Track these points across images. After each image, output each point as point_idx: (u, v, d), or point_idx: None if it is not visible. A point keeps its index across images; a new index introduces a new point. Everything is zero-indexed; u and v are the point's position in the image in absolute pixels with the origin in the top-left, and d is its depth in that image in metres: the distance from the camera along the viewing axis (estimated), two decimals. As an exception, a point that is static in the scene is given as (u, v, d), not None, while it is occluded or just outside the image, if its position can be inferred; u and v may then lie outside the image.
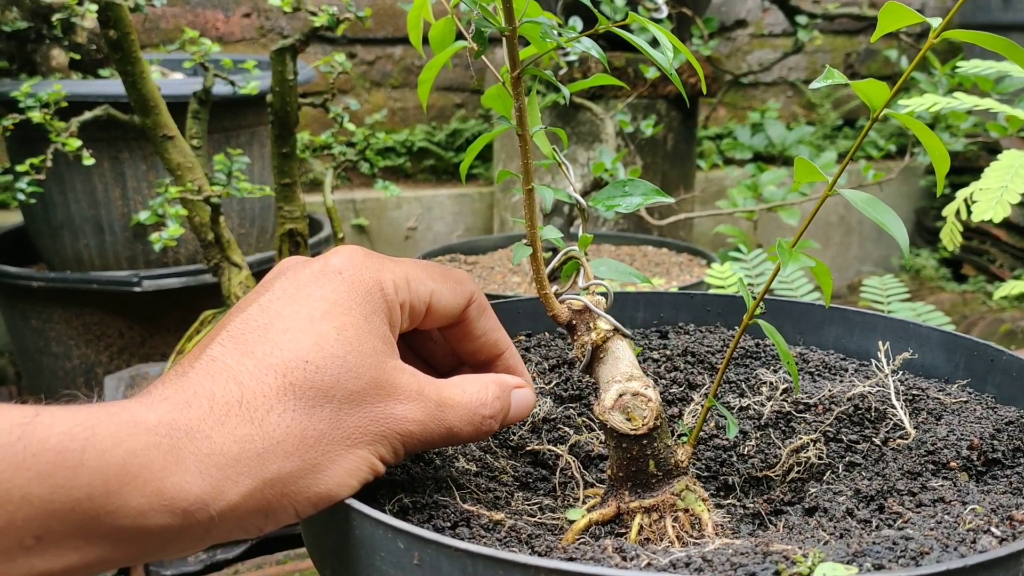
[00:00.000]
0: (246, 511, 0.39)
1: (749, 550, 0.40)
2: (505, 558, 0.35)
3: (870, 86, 0.43)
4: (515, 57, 0.47)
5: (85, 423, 0.37)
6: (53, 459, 0.35)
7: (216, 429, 0.39)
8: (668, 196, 0.53)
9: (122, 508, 0.36)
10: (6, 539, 0.35)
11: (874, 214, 0.45)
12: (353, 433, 0.42)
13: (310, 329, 0.43)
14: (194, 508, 0.38)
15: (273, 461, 0.40)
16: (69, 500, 0.35)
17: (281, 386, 0.41)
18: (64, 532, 0.36)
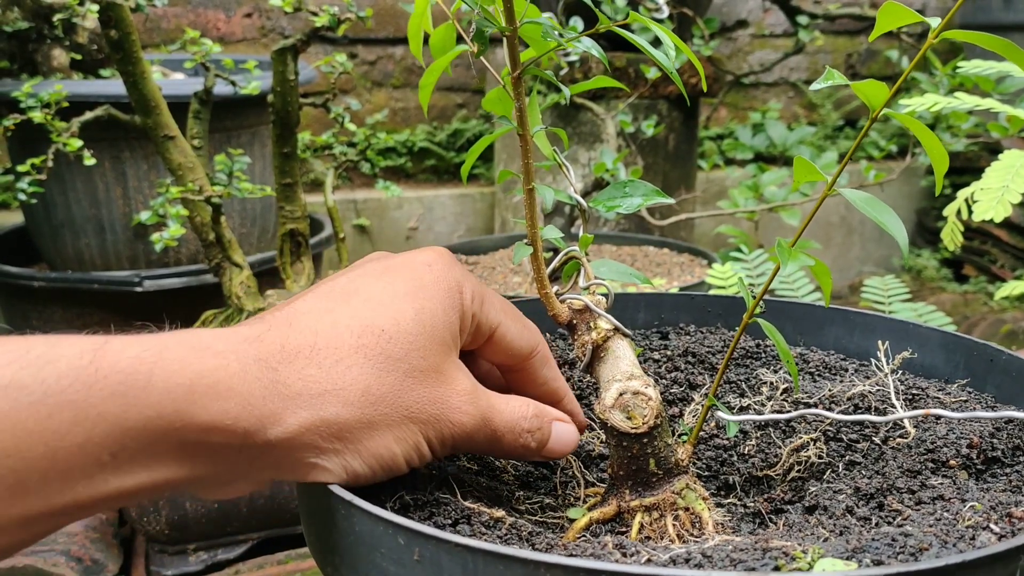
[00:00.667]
0: (299, 444, 0.41)
1: (749, 546, 0.40)
2: (505, 553, 0.35)
3: (870, 87, 0.43)
4: (516, 57, 0.48)
5: (153, 348, 0.39)
6: (124, 380, 0.37)
7: (283, 365, 0.41)
8: (668, 197, 0.53)
9: (189, 425, 0.38)
10: (85, 456, 0.36)
11: (874, 214, 0.45)
12: (411, 406, 0.44)
13: (391, 304, 0.45)
14: (254, 430, 0.40)
15: (333, 404, 0.42)
16: (140, 418, 0.37)
17: (353, 345, 0.43)
18: (136, 449, 0.37)
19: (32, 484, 0.36)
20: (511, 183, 2.27)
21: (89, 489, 0.37)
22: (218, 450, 0.39)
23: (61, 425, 0.36)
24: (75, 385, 0.36)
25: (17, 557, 1.23)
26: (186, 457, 0.39)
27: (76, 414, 0.36)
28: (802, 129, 2.96)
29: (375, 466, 0.43)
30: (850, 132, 3.09)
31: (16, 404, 0.35)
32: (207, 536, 1.32)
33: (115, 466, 0.37)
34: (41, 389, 0.36)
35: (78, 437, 0.36)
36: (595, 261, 0.57)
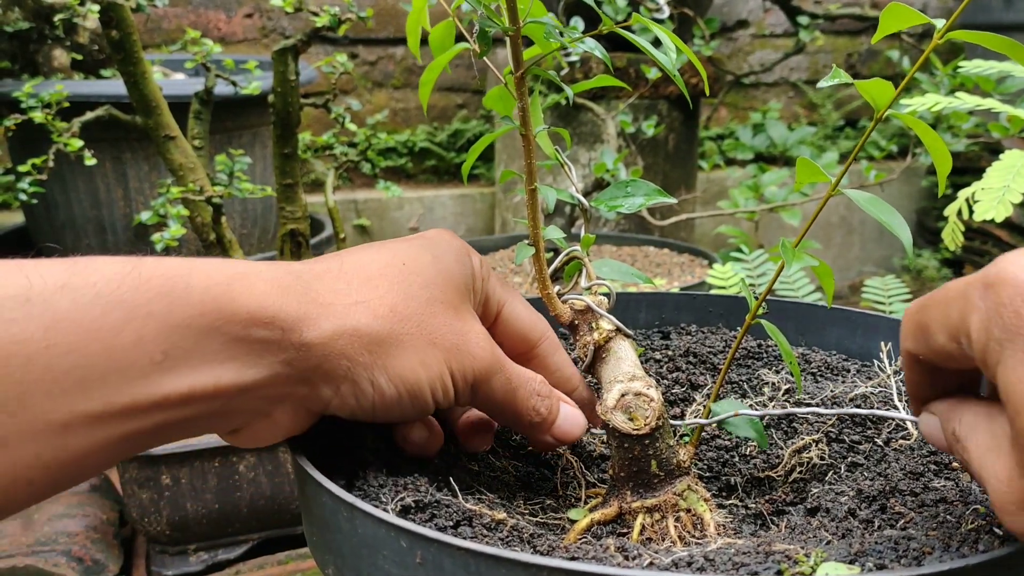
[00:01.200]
0: (333, 351, 0.43)
1: (751, 550, 0.40)
2: (507, 557, 0.35)
3: (875, 86, 0.43)
4: (519, 57, 0.48)
5: (186, 261, 0.41)
6: (165, 283, 0.39)
7: (314, 280, 0.44)
8: (670, 196, 0.53)
9: (230, 318, 0.40)
10: (139, 353, 0.38)
11: (878, 214, 0.45)
12: (434, 331, 0.46)
13: (408, 249, 0.48)
14: (290, 328, 0.42)
15: (363, 314, 0.44)
16: (185, 316, 0.39)
17: (378, 271, 0.46)
18: (184, 347, 0.39)
19: (93, 380, 0.38)
20: (511, 183, 2.27)
21: (145, 389, 0.39)
22: (260, 349, 0.41)
23: (115, 323, 0.38)
24: (122, 287, 0.39)
25: (18, 557, 1.23)
26: (231, 356, 0.41)
27: (127, 312, 0.38)
28: (803, 129, 2.96)
29: (401, 388, 0.45)
30: (850, 132, 3.09)
31: (73, 304, 0.37)
32: (208, 536, 1.32)
33: (167, 365, 0.39)
34: (93, 291, 0.38)
35: (131, 335, 0.38)
36: (597, 261, 0.57)
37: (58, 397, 0.37)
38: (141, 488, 1.26)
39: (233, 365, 0.41)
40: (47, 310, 0.37)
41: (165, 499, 1.27)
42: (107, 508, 1.39)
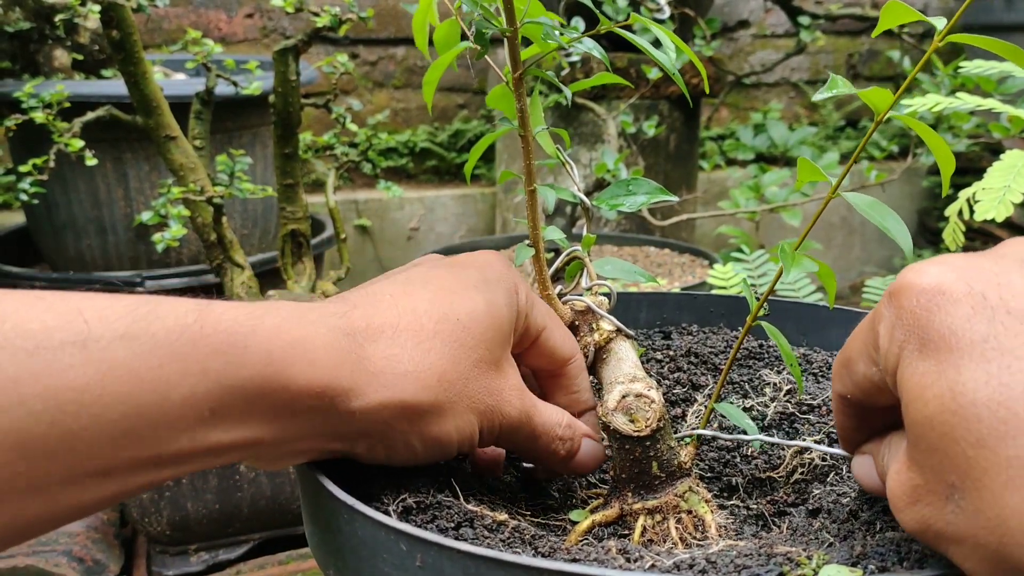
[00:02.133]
0: (375, 420, 0.43)
1: (753, 552, 0.40)
2: (508, 560, 0.35)
3: (875, 94, 0.43)
4: (517, 58, 0.47)
5: (253, 313, 0.41)
6: (226, 339, 0.39)
7: (368, 343, 0.44)
8: (672, 195, 0.53)
9: (283, 388, 0.40)
10: (189, 408, 0.38)
11: (876, 217, 0.45)
12: (474, 395, 0.46)
13: (464, 294, 0.48)
14: (339, 399, 0.42)
15: (412, 385, 0.44)
16: (240, 377, 0.39)
17: (432, 330, 0.45)
18: (234, 407, 0.39)
19: (142, 430, 0.38)
20: (512, 184, 2.27)
21: (191, 441, 0.39)
22: (305, 414, 0.41)
23: (171, 376, 0.38)
24: (182, 339, 0.38)
25: (19, 557, 1.23)
26: (276, 418, 0.41)
27: (184, 367, 0.38)
28: (803, 129, 2.96)
29: (432, 448, 0.45)
30: (851, 132, 3.09)
31: (131, 353, 0.37)
32: (208, 536, 1.32)
33: (214, 422, 0.39)
34: (152, 341, 0.38)
35: (184, 390, 0.38)
36: (599, 260, 0.57)
37: (105, 445, 0.37)
38: (142, 488, 1.26)
39: (277, 425, 0.41)
40: (105, 358, 0.37)
41: (166, 499, 1.27)
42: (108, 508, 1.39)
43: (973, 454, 0.31)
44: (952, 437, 0.32)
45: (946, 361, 0.33)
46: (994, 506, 0.31)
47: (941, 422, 0.32)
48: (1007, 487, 0.30)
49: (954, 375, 0.32)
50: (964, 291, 0.34)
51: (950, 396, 0.32)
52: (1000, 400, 0.31)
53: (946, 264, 0.35)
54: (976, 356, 0.32)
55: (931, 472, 0.33)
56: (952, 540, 0.33)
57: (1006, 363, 0.31)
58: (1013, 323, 0.32)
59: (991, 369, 0.31)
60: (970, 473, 0.31)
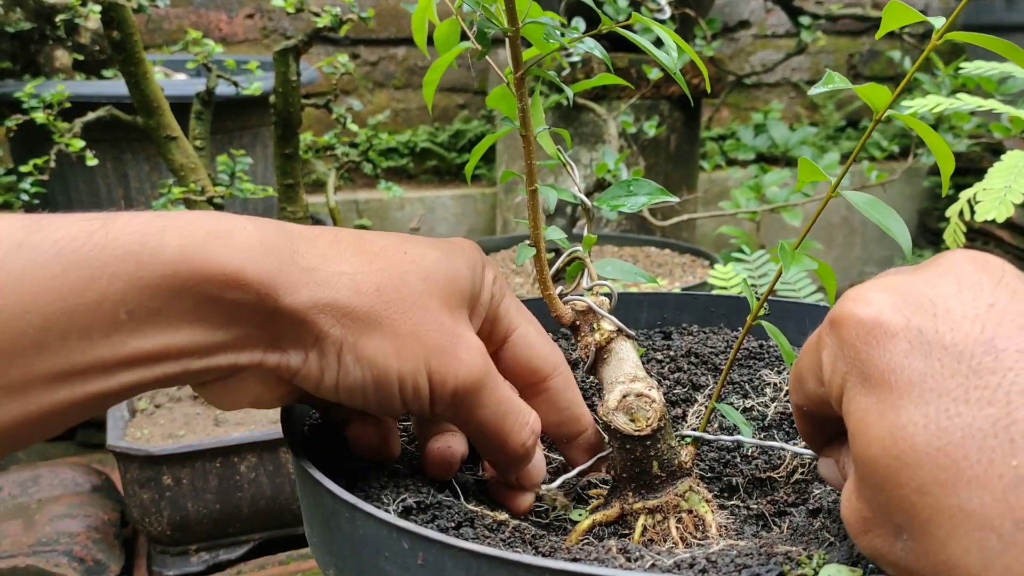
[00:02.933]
0: (307, 320, 0.41)
1: (754, 551, 0.40)
2: (509, 558, 0.35)
3: (872, 90, 0.43)
4: (518, 58, 0.47)
5: (162, 217, 0.39)
6: (136, 240, 0.38)
7: (302, 241, 0.42)
8: (673, 196, 0.53)
9: (204, 281, 0.38)
10: (102, 313, 0.37)
11: (876, 216, 0.45)
12: (422, 325, 0.43)
13: (419, 242, 0.46)
14: (267, 292, 0.40)
15: (346, 287, 0.42)
16: (155, 275, 0.37)
17: (378, 249, 0.44)
18: (152, 308, 0.38)
19: (53, 340, 0.36)
20: (512, 184, 2.27)
21: (109, 349, 0.37)
22: (232, 311, 0.39)
23: (77, 283, 0.36)
24: (87, 246, 0.37)
25: (19, 558, 1.23)
26: (202, 318, 0.39)
27: (91, 272, 0.37)
28: (804, 129, 2.96)
29: (367, 374, 0.42)
30: (852, 132, 3.09)
31: (31, 263, 0.36)
32: (209, 537, 1.32)
33: (133, 326, 0.37)
34: (54, 249, 0.36)
35: (94, 295, 0.37)
36: (600, 260, 0.57)
37: (14, 358, 0.36)
38: (142, 488, 1.26)
39: (203, 326, 0.39)
40: (3, 270, 0.36)
41: (166, 499, 1.27)
42: (108, 508, 1.39)
43: (916, 500, 0.31)
44: (896, 482, 0.32)
45: (885, 401, 0.32)
46: (940, 553, 0.30)
47: (884, 466, 0.32)
48: (951, 537, 0.30)
49: (893, 417, 0.32)
50: (902, 324, 0.33)
51: (891, 440, 0.32)
52: (939, 446, 0.30)
53: (885, 291, 0.35)
54: (914, 397, 0.32)
55: (879, 509, 0.33)
56: (904, 571, 0.33)
57: (943, 406, 0.31)
58: (950, 361, 0.32)
59: (929, 412, 0.31)
60: (915, 518, 0.31)
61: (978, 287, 0.34)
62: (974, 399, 0.31)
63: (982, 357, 0.31)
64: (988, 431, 0.30)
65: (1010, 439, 0.29)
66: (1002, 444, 0.29)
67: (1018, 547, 0.28)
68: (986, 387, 0.31)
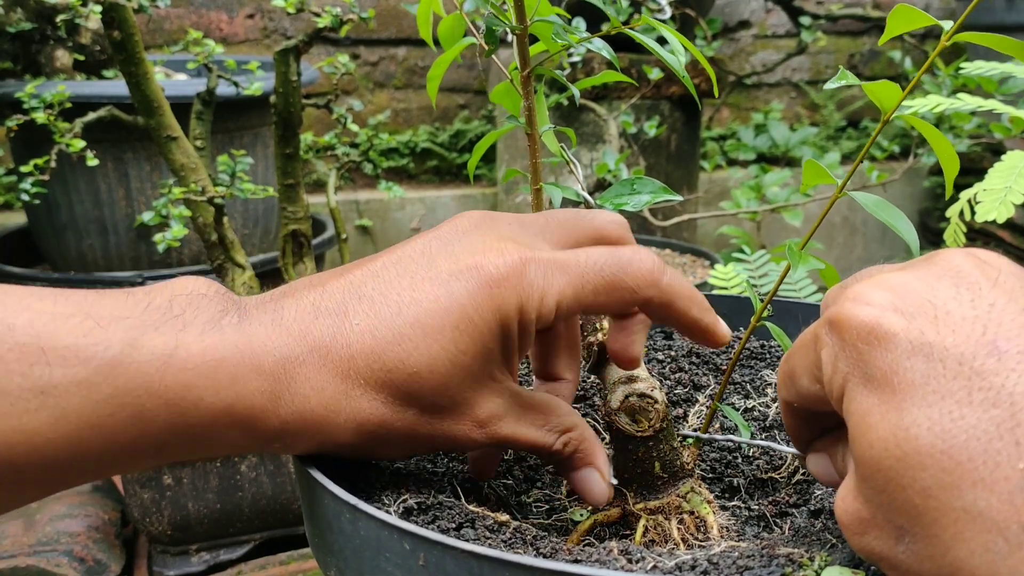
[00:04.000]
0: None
1: (755, 552, 0.40)
2: (510, 560, 0.34)
3: (882, 88, 0.43)
4: (525, 56, 0.47)
5: (216, 356, 0.40)
6: (180, 394, 0.40)
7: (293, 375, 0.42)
8: (676, 194, 0.53)
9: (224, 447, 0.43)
10: (134, 450, 0.40)
11: (884, 216, 0.45)
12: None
13: (421, 343, 0.41)
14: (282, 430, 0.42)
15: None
16: (189, 424, 0.40)
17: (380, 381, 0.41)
18: (180, 446, 0.41)
19: (87, 466, 0.40)
20: (513, 184, 2.27)
21: (131, 466, 0.42)
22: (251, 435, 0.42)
23: (120, 424, 0.39)
24: (137, 391, 0.39)
25: (19, 558, 1.23)
26: (216, 444, 0.42)
27: (134, 414, 0.39)
28: (805, 130, 2.96)
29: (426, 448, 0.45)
30: (852, 133, 3.09)
31: (86, 401, 0.38)
32: (209, 536, 1.32)
33: (160, 456, 0.41)
34: (110, 391, 0.39)
35: (132, 434, 0.39)
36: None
37: (50, 478, 0.40)
38: (143, 488, 1.26)
39: (212, 444, 0.42)
40: (60, 404, 0.38)
41: (167, 499, 1.27)
42: (109, 508, 1.39)
43: (921, 503, 0.31)
44: (899, 484, 0.31)
45: (888, 402, 0.32)
46: (946, 555, 0.30)
47: (887, 467, 0.32)
48: (956, 539, 0.30)
49: (896, 419, 0.32)
50: (903, 327, 0.33)
51: (894, 442, 0.32)
52: (943, 448, 0.30)
53: (885, 291, 0.35)
54: (917, 399, 0.32)
55: (880, 510, 0.33)
56: (905, 573, 0.33)
57: (947, 408, 0.31)
58: (952, 363, 0.32)
59: (932, 414, 0.31)
60: (919, 520, 0.31)
61: (976, 287, 0.33)
62: (977, 401, 0.30)
63: (984, 359, 0.31)
64: (993, 433, 0.30)
65: (1015, 441, 0.29)
66: (1007, 446, 0.29)
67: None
68: (990, 388, 0.30)
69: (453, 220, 0.45)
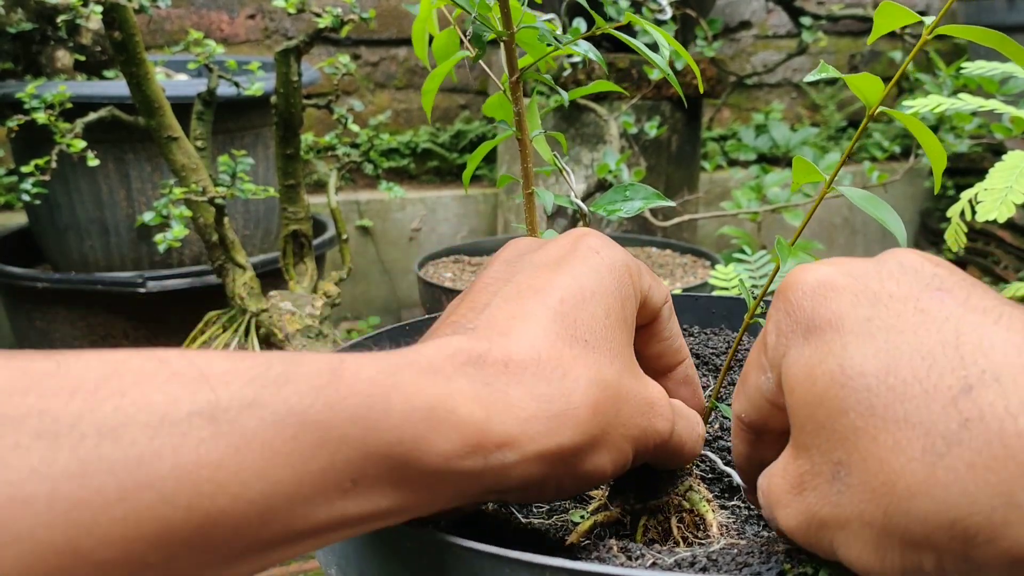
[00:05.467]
0: (533, 472, 0.38)
1: (755, 550, 0.40)
2: (511, 556, 0.35)
3: (864, 81, 0.43)
4: (513, 62, 0.48)
5: (387, 368, 0.36)
6: (363, 402, 0.35)
7: (514, 387, 0.38)
8: (669, 200, 0.53)
9: (431, 454, 0.35)
10: (327, 481, 0.34)
11: (873, 210, 0.45)
12: (628, 419, 0.41)
13: (590, 303, 0.42)
14: (491, 454, 0.37)
15: (567, 427, 0.38)
16: (382, 444, 0.35)
17: (572, 357, 0.40)
18: (377, 476, 0.35)
19: (279, 508, 0.33)
20: (513, 184, 2.27)
21: (328, 513, 0.34)
22: (452, 481, 0.37)
23: (306, 448, 0.33)
24: (316, 406, 0.34)
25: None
26: (427, 486, 0.36)
27: (320, 436, 0.34)
28: (805, 130, 2.96)
29: (584, 485, 0.41)
30: (853, 133, 3.09)
31: (263, 423, 0.33)
32: (210, 537, 1.33)
33: (356, 493, 0.35)
34: (285, 408, 0.33)
35: (322, 461, 0.34)
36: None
37: (244, 528, 0.32)
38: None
39: (427, 493, 0.36)
40: (235, 430, 0.32)
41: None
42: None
43: (862, 424, 0.31)
44: (841, 409, 0.32)
45: (833, 341, 0.33)
46: (880, 473, 0.31)
47: (831, 396, 0.33)
48: (894, 450, 0.30)
49: (841, 352, 0.33)
50: (849, 282, 0.35)
51: (839, 370, 0.33)
52: (889, 368, 0.31)
53: (830, 263, 0.37)
54: (862, 334, 0.33)
55: (817, 453, 0.33)
56: (838, 525, 0.33)
57: (891, 337, 0.32)
58: (895, 304, 0.33)
59: (878, 344, 0.32)
60: (858, 444, 0.31)
61: (920, 266, 0.36)
62: (923, 330, 0.32)
63: (928, 300, 0.33)
64: (938, 351, 0.31)
65: (960, 356, 0.30)
66: (951, 360, 0.30)
67: (963, 445, 0.29)
68: (932, 320, 0.32)
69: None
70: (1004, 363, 0.29)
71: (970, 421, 0.29)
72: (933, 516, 0.29)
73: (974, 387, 0.29)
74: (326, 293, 1.40)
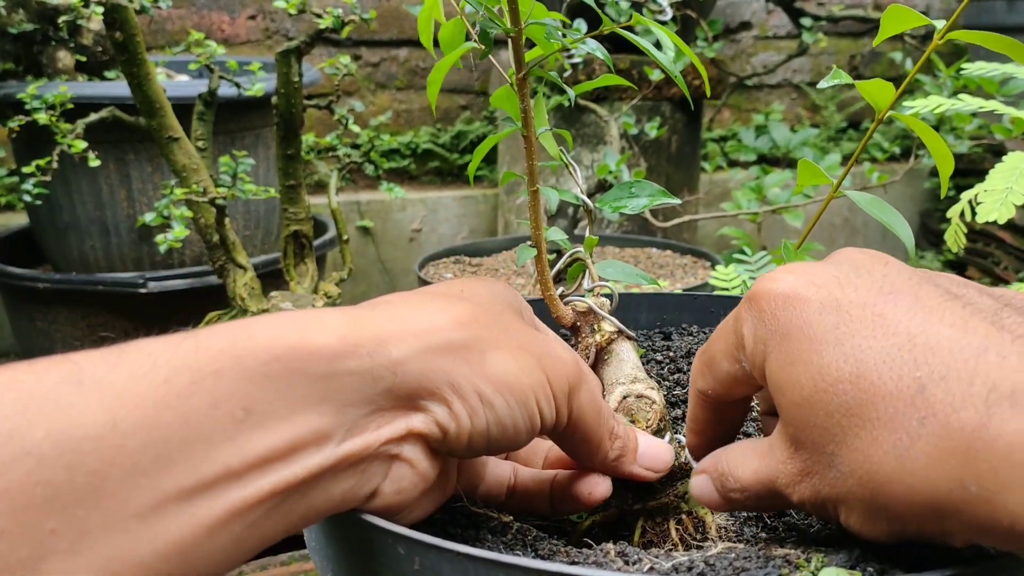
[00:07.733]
0: (429, 366, 0.40)
1: (752, 554, 0.40)
2: (505, 561, 0.35)
3: (875, 87, 0.43)
4: (521, 58, 0.48)
5: (241, 320, 0.38)
6: (226, 338, 0.37)
7: (386, 306, 0.42)
8: (674, 197, 0.53)
9: (312, 357, 0.37)
10: (218, 416, 0.35)
11: (879, 214, 0.45)
12: (522, 338, 0.44)
13: (463, 283, 0.47)
14: (375, 350, 0.39)
15: (446, 323, 0.41)
16: (258, 365, 0.36)
17: (443, 293, 0.45)
18: (267, 399, 0.36)
19: (175, 453, 0.34)
20: (514, 185, 2.27)
21: (235, 453, 0.35)
22: (351, 383, 0.37)
23: (183, 388, 0.34)
24: (179, 352, 0.35)
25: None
26: (323, 398, 0.37)
27: (192, 375, 0.35)
28: (805, 131, 2.96)
29: (507, 395, 0.41)
30: (853, 134, 3.09)
31: (131, 377, 0.34)
32: (210, 538, 1.33)
33: (254, 422, 0.35)
34: (149, 361, 0.35)
35: (204, 397, 0.34)
36: (601, 262, 0.57)
37: (139, 478, 0.33)
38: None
39: (328, 407, 0.37)
40: (104, 388, 0.33)
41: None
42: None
43: (845, 422, 0.36)
44: (827, 411, 0.37)
45: (809, 350, 0.38)
46: (864, 463, 0.36)
47: (816, 400, 0.37)
48: (872, 444, 0.35)
49: (818, 360, 0.37)
50: (813, 292, 0.39)
51: (820, 376, 0.37)
52: (859, 373, 0.36)
53: (794, 272, 0.41)
54: (832, 342, 0.37)
55: (813, 448, 0.38)
56: (838, 500, 0.38)
57: (857, 343, 0.37)
58: (856, 310, 0.38)
59: (846, 350, 0.37)
60: (844, 439, 0.36)
61: (871, 267, 0.40)
62: (880, 334, 0.36)
63: (883, 305, 0.37)
64: (896, 354, 0.36)
65: (914, 358, 0.35)
66: (907, 362, 0.35)
67: (923, 439, 0.34)
68: (888, 324, 0.37)
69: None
70: (949, 361, 0.34)
71: (925, 418, 0.34)
72: (907, 498, 0.34)
73: (926, 387, 0.34)
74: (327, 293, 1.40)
